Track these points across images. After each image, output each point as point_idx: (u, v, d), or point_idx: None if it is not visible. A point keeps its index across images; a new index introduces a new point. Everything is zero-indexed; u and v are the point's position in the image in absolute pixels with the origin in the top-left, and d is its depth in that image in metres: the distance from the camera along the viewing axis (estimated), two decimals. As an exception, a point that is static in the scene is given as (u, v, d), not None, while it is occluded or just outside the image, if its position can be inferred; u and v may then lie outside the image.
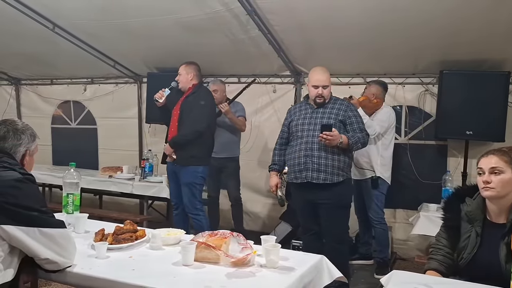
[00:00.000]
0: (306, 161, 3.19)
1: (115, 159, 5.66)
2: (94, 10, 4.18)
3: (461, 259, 1.92)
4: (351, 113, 3.29)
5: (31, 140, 1.87)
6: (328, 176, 3.16)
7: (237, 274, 1.76)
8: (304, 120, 3.30)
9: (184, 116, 3.82)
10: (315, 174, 3.17)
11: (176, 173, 3.87)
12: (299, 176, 3.23)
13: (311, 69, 3.40)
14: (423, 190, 4.35)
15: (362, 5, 3.51)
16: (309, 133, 3.22)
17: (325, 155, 3.16)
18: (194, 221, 3.86)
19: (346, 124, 3.25)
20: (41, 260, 1.68)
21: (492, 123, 3.94)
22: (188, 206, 3.83)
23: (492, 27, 3.52)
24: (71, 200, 2.36)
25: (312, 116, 3.28)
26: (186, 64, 3.96)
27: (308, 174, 3.18)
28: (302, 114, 3.34)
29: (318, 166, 3.16)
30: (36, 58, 5.60)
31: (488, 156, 1.89)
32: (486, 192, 1.86)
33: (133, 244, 2.04)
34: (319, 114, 3.27)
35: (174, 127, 3.87)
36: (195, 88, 3.93)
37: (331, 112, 3.26)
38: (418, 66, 4.40)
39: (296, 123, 3.34)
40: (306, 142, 3.21)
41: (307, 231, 3.44)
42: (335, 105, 3.30)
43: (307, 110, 3.34)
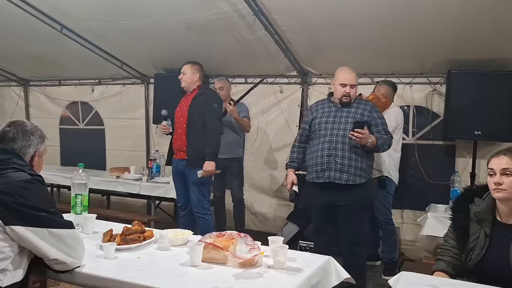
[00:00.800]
0: (329, 160, 3.12)
1: (123, 159, 5.70)
2: (101, 12, 4.20)
3: (469, 260, 1.90)
4: (376, 114, 3.24)
5: (40, 141, 1.88)
6: (350, 177, 3.10)
7: (245, 275, 1.76)
8: (328, 118, 3.23)
9: (195, 119, 3.75)
10: (338, 174, 3.10)
11: (184, 173, 3.84)
12: (321, 176, 3.16)
13: (338, 68, 3.33)
14: (431, 190, 4.33)
15: (369, 5, 3.50)
16: (333, 132, 3.16)
17: (348, 155, 3.10)
18: (201, 221, 3.83)
19: (371, 126, 3.17)
20: (50, 261, 1.70)
21: (500, 123, 3.90)
22: (196, 205, 3.82)
23: (500, 26, 3.49)
24: (79, 200, 2.37)
25: (337, 115, 3.21)
26: (192, 63, 3.90)
27: (330, 174, 3.12)
28: (326, 112, 3.27)
29: (341, 166, 3.09)
30: (44, 60, 5.64)
31: (499, 156, 1.86)
32: (498, 193, 1.83)
33: (141, 245, 2.05)
34: (344, 113, 3.20)
35: (182, 129, 3.80)
36: (201, 89, 3.89)
37: (356, 112, 3.20)
38: (425, 66, 4.37)
39: (320, 121, 3.25)
40: (330, 141, 3.15)
41: (321, 232, 3.36)
42: (360, 105, 3.25)
43: (331, 109, 3.27)
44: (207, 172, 3.68)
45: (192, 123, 3.77)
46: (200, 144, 3.72)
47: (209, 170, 3.68)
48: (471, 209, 1.95)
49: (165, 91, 5.16)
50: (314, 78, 4.95)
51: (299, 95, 5.00)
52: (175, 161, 3.92)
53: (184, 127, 3.80)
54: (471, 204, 1.96)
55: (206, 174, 3.68)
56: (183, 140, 3.80)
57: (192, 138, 3.77)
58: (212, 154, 3.71)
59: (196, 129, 3.75)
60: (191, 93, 3.89)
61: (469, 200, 1.98)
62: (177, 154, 3.89)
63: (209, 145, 3.71)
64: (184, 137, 3.79)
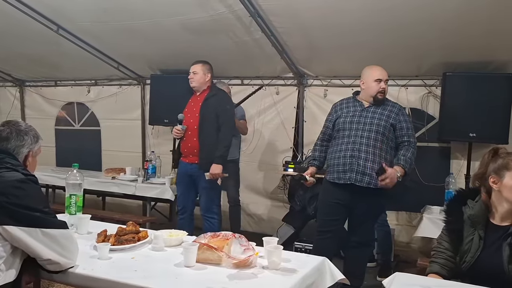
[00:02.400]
0: (351, 162, 3.05)
1: (118, 160, 5.68)
2: (98, 12, 4.20)
3: (463, 263, 1.90)
4: (402, 118, 3.15)
5: (34, 141, 1.87)
6: (372, 180, 3.01)
7: (239, 275, 1.75)
8: (353, 118, 3.14)
9: (208, 120, 3.66)
10: (359, 177, 3.03)
11: (194, 176, 3.75)
12: (342, 177, 3.09)
13: (367, 67, 3.27)
14: (426, 192, 4.33)
15: (365, 7, 3.51)
16: (357, 133, 3.08)
17: (372, 158, 3.03)
18: (206, 223, 3.78)
19: (396, 129, 3.11)
20: (43, 261, 1.69)
21: (495, 125, 3.92)
22: (205, 208, 3.78)
23: (496, 29, 3.51)
24: (73, 201, 2.36)
25: (362, 115, 3.13)
26: (203, 63, 3.80)
27: (352, 175, 3.04)
28: (351, 112, 3.18)
29: (363, 169, 3.02)
30: (40, 60, 5.63)
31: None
32: None
33: (135, 245, 2.04)
34: (370, 113, 3.12)
35: (193, 131, 3.71)
36: (212, 89, 3.81)
37: (382, 113, 3.11)
38: (421, 68, 4.39)
39: (344, 120, 3.17)
40: (354, 142, 3.07)
41: (324, 232, 3.26)
42: (387, 107, 3.16)
43: (356, 108, 3.19)
44: (214, 175, 3.62)
45: (205, 125, 3.68)
46: (213, 147, 3.65)
47: (216, 173, 3.62)
48: (465, 212, 1.95)
49: (162, 92, 5.17)
50: (310, 79, 4.96)
51: (295, 96, 5.01)
52: (184, 164, 3.83)
53: (196, 129, 3.70)
54: (464, 207, 1.96)
55: (213, 177, 3.63)
56: (194, 142, 3.71)
57: (205, 141, 3.68)
58: (222, 157, 3.64)
59: (209, 131, 3.67)
60: (201, 93, 3.80)
61: (462, 203, 1.98)
62: (186, 157, 3.80)
63: (220, 148, 3.64)
64: (196, 139, 3.70)
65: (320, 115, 4.71)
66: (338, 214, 3.19)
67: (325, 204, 3.28)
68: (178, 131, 3.75)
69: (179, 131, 3.75)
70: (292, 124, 5.03)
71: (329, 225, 3.23)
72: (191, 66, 3.83)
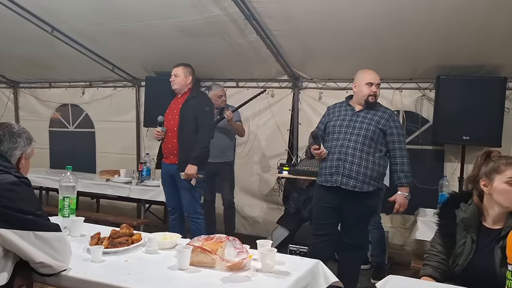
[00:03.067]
0: (338, 165, 3.07)
1: (113, 162, 5.66)
2: (93, 14, 4.19)
3: (456, 266, 1.91)
4: (393, 124, 3.15)
5: (27, 144, 1.86)
6: (358, 183, 3.04)
7: (233, 278, 1.75)
8: (343, 122, 3.17)
9: (187, 122, 3.72)
10: (345, 180, 3.05)
11: (174, 176, 3.81)
12: (329, 180, 3.11)
13: (360, 70, 3.29)
14: (420, 195, 4.33)
15: (360, 11, 3.53)
16: (345, 137, 3.11)
17: (358, 162, 3.04)
18: (193, 225, 3.82)
19: (386, 134, 3.13)
20: (36, 264, 1.68)
21: (488, 128, 3.95)
22: (189, 209, 3.80)
23: (489, 33, 3.53)
24: (67, 203, 2.35)
25: (352, 119, 3.16)
26: (184, 65, 3.87)
27: (338, 178, 3.07)
28: (342, 116, 3.22)
29: (349, 172, 3.04)
30: (34, 61, 5.61)
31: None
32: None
33: (129, 248, 2.03)
34: (360, 118, 3.15)
35: (173, 132, 3.77)
36: (192, 91, 3.87)
37: (372, 119, 3.13)
38: (415, 71, 4.41)
39: (334, 124, 3.20)
40: (342, 145, 3.10)
41: (319, 236, 3.27)
42: (378, 112, 3.17)
43: (347, 112, 3.22)
44: (188, 175, 3.65)
45: (184, 126, 3.73)
46: (192, 148, 3.70)
47: (190, 174, 3.64)
48: (457, 215, 1.96)
49: (156, 94, 5.16)
50: (305, 82, 4.97)
51: (290, 99, 5.02)
52: (165, 165, 3.89)
53: (175, 130, 3.76)
54: (457, 210, 1.97)
55: (187, 177, 3.66)
56: (174, 143, 3.78)
57: (184, 142, 3.73)
58: (197, 158, 3.67)
59: (188, 132, 3.72)
60: (182, 95, 3.87)
61: (455, 206, 1.99)
62: (167, 158, 3.87)
63: (197, 149, 3.68)
64: (175, 141, 3.77)
65: (315, 117, 4.71)
66: (331, 217, 3.20)
67: (317, 208, 3.31)
68: (158, 132, 3.84)
69: (159, 133, 3.83)
70: (287, 127, 5.03)
71: (324, 229, 3.24)
72: (173, 69, 3.89)
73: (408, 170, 3.15)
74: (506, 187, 1.82)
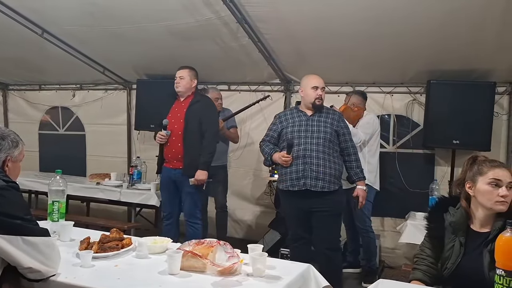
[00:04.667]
0: (304, 168, 3.16)
1: (103, 166, 5.62)
2: (83, 16, 4.16)
3: (445, 269, 1.93)
4: (343, 124, 3.36)
5: (13, 146, 1.82)
6: (325, 184, 3.16)
7: (224, 283, 1.75)
8: (300, 127, 3.27)
9: (192, 126, 3.67)
10: (313, 182, 3.15)
11: (178, 182, 3.75)
12: (296, 184, 3.19)
13: (304, 76, 3.42)
14: (411, 198, 4.38)
15: (351, 15, 3.55)
16: (306, 141, 3.21)
17: (323, 163, 3.17)
18: (190, 229, 3.76)
19: (339, 135, 3.30)
20: (24, 269, 1.65)
21: (478, 133, 3.99)
22: (188, 214, 3.77)
23: (479, 38, 3.58)
24: (56, 207, 2.33)
25: (308, 124, 3.27)
26: (189, 68, 3.81)
27: (306, 181, 3.15)
28: (297, 122, 3.31)
29: (316, 174, 3.15)
30: (24, 63, 5.56)
31: (502, 169, 1.85)
32: (502, 206, 1.82)
33: (119, 253, 2.02)
34: (315, 122, 3.28)
35: (177, 136, 3.70)
36: (196, 95, 3.83)
37: (326, 121, 3.28)
38: (406, 76, 4.45)
39: (291, 130, 3.29)
40: (305, 149, 3.19)
41: (297, 239, 3.37)
42: (329, 115, 3.33)
43: (301, 118, 3.32)
44: (199, 181, 3.63)
45: (189, 131, 3.68)
46: (197, 152, 3.66)
47: (201, 179, 3.64)
48: (446, 219, 1.97)
49: (148, 97, 5.14)
50: (297, 86, 4.97)
51: (282, 102, 5.03)
52: (167, 170, 3.81)
53: (180, 135, 3.70)
54: (446, 214, 1.98)
55: (198, 183, 3.64)
56: (179, 148, 3.71)
57: (189, 146, 3.68)
58: (206, 163, 3.66)
59: (193, 137, 3.68)
60: (185, 99, 3.80)
61: (444, 210, 2.01)
62: (170, 163, 3.79)
63: (205, 154, 3.66)
64: (180, 145, 3.70)
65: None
66: (303, 220, 3.28)
67: (288, 214, 3.42)
68: (162, 136, 3.73)
69: (163, 136, 3.73)
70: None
71: (300, 233, 3.33)
72: (178, 71, 3.82)
73: (361, 165, 3.40)
74: (488, 188, 1.85)
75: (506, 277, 1.45)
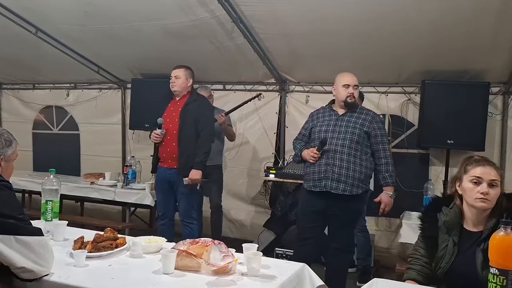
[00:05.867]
0: (326, 169, 3.10)
1: (98, 165, 5.60)
2: (78, 15, 4.15)
3: (439, 269, 1.93)
4: (376, 125, 3.20)
5: (6, 145, 1.81)
6: (347, 187, 3.08)
7: (218, 282, 1.74)
8: (328, 127, 3.20)
9: (188, 126, 3.66)
10: (335, 184, 3.08)
11: (173, 181, 3.74)
12: (318, 185, 3.13)
13: (339, 74, 3.33)
14: (406, 198, 4.37)
15: (347, 15, 3.56)
16: (332, 141, 3.12)
17: (346, 166, 3.08)
18: (186, 229, 3.75)
19: (370, 136, 3.17)
20: (17, 269, 1.64)
21: (472, 133, 4.01)
22: (184, 214, 3.75)
23: (473, 39, 3.59)
24: (50, 207, 2.31)
25: (337, 124, 3.19)
26: (185, 68, 3.78)
27: (327, 183, 3.09)
28: (326, 121, 3.25)
29: (338, 176, 3.07)
30: (18, 62, 5.53)
31: (486, 166, 1.86)
32: (482, 203, 1.83)
33: (113, 252, 2.01)
34: (344, 122, 3.18)
35: (172, 136, 3.69)
36: (192, 95, 3.81)
37: (356, 122, 3.17)
38: (401, 76, 4.46)
39: (319, 129, 3.23)
40: (328, 150, 3.11)
41: (304, 239, 3.29)
42: (361, 115, 3.22)
43: (331, 117, 3.25)
44: (194, 180, 3.62)
45: (184, 130, 3.67)
46: (192, 152, 3.64)
47: (195, 179, 3.62)
48: (439, 218, 1.98)
49: (143, 96, 5.12)
50: (292, 85, 4.99)
51: (277, 102, 5.03)
52: (162, 170, 3.80)
53: (175, 134, 3.69)
54: (439, 213, 1.99)
55: (192, 182, 3.62)
56: (173, 147, 3.69)
57: (184, 146, 3.66)
58: (201, 162, 3.65)
59: (189, 136, 3.67)
60: (181, 98, 3.79)
61: (437, 209, 2.01)
62: (165, 162, 3.77)
63: (200, 154, 3.65)
64: (175, 144, 3.69)
65: (301, 120, 4.68)
66: (317, 221, 3.22)
67: (303, 212, 3.33)
68: (157, 135, 3.72)
69: (158, 135, 3.72)
70: (274, 130, 5.04)
71: (309, 232, 3.26)
72: (173, 70, 3.79)
73: (392, 170, 3.21)
74: (470, 186, 1.87)
75: (500, 275, 1.45)
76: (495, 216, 1.84)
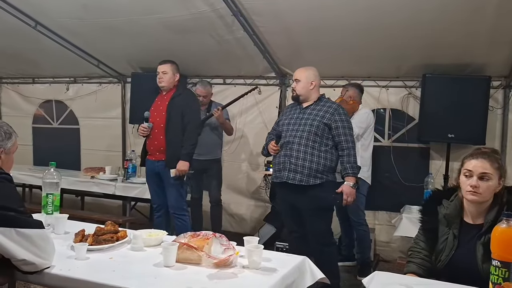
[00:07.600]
0: (285, 160, 3.19)
1: (98, 159, 5.60)
2: (77, 9, 4.13)
3: (439, 262, 1.93)
4: (338, 117, 3.19)
5: (6, 138, 1.81)
6: (304, 177, 3.12)
7: (219, 275, 1.74)
8: (290, 120, 3.29)
9: (174, 119, 3.71)
10: (292, 175, 3.15)
11: (161, 174, 3.79)
12: (278, 176, 3.23)
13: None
14: (406, 192, 4.39)
15: (347, 9, 3.54)
16: (291, 133, 3.20)
17: (303, 156, 3.14)
18: (178, 222, 3.80)
19: (331, 128, 3.18)
20: (18, 261, 1.64)
21: (473, 127, 4.00)
22: (175, 206, 3.79)
23: (474, 33, 3.58)
24: (50, 200, 2.31)
25: (298, 117, 3.26)
26: (171, 63, 3.83)
27: (285, 174, 3.17)
28: (290, 114, 3.34)
29: (295, 167, 3.15)
30: (17, 57, 5.51)
31: (479, 159, 1.85)
32: (472, 196, 1.84)
33: (113, 245, 2.01)
34: (305, 115, 3.24)
35: (160, 129, 3.74)
36: (178, 88, 3.86)
37: (317, 114, 3.20)
38: (401, 70, 4.45)
39: (283, 122, 3.33)
40: (288, 142, 3.20)
41: (291, 232, 3.42)
42: (323, 107, 3.24)
43: (296, 110, 3.33)
44: (180, 171, 3.66)
45: (171, 124, 3.72)
46: (179, 145, 3.70)
47: (182, 170, 3.67)
48: (440, 211, 1.98)
49: (142, 90, 5.10)
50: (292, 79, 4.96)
51: (277, 96, 5.02)
52: (150, 162, 3.85)
53: (162, 127, 3.74)
54: (439, 206, 1.99)
55: (179, 173, 3.67)
56: (161, 140, 3.75)
57: (171, 139, 3.72)
58: (189, 154, 3.70)
59: (175, 129, 3.72)
60: (168, 92, 3.84)
61: (438, 203, 2.01)
62: (152, 155, 3.83)
63: (187, 146, 3.70)
64: (162, 137, 3.74)
65: (301, 115, 4.71)
66: (292, 214, 3.30)
67: (280, 206, 3.47)
68: (144, 128, 3.78)
69: (145, 129, 3.78)
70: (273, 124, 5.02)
71: (291, 224, 3.37)
72: (159, 66, 3.83)
73: (354, 161, 3.20)
74: (463, 179, 1.89)
75: (502, 268, 1.46)
76: (495, 209, 1.84)
